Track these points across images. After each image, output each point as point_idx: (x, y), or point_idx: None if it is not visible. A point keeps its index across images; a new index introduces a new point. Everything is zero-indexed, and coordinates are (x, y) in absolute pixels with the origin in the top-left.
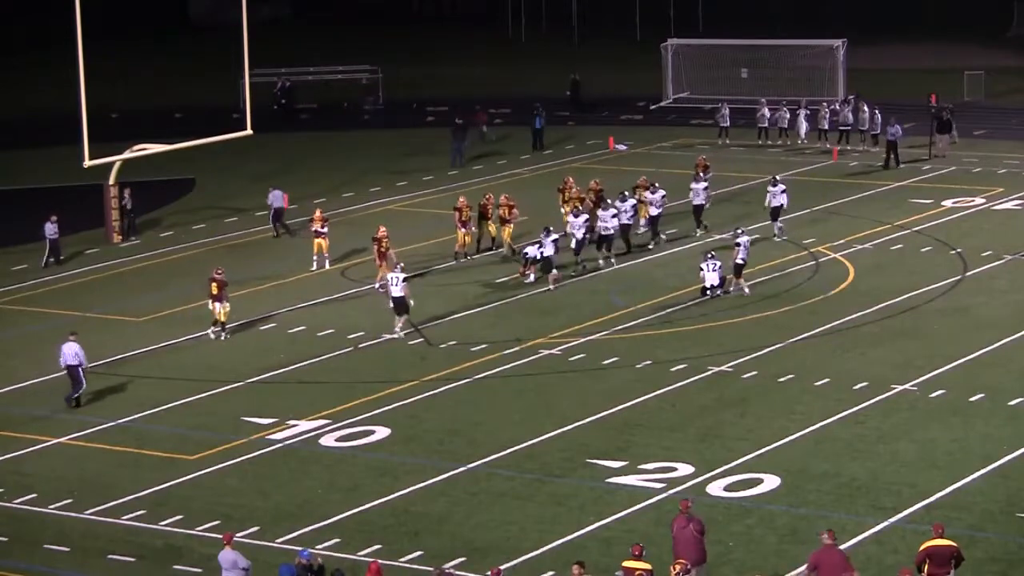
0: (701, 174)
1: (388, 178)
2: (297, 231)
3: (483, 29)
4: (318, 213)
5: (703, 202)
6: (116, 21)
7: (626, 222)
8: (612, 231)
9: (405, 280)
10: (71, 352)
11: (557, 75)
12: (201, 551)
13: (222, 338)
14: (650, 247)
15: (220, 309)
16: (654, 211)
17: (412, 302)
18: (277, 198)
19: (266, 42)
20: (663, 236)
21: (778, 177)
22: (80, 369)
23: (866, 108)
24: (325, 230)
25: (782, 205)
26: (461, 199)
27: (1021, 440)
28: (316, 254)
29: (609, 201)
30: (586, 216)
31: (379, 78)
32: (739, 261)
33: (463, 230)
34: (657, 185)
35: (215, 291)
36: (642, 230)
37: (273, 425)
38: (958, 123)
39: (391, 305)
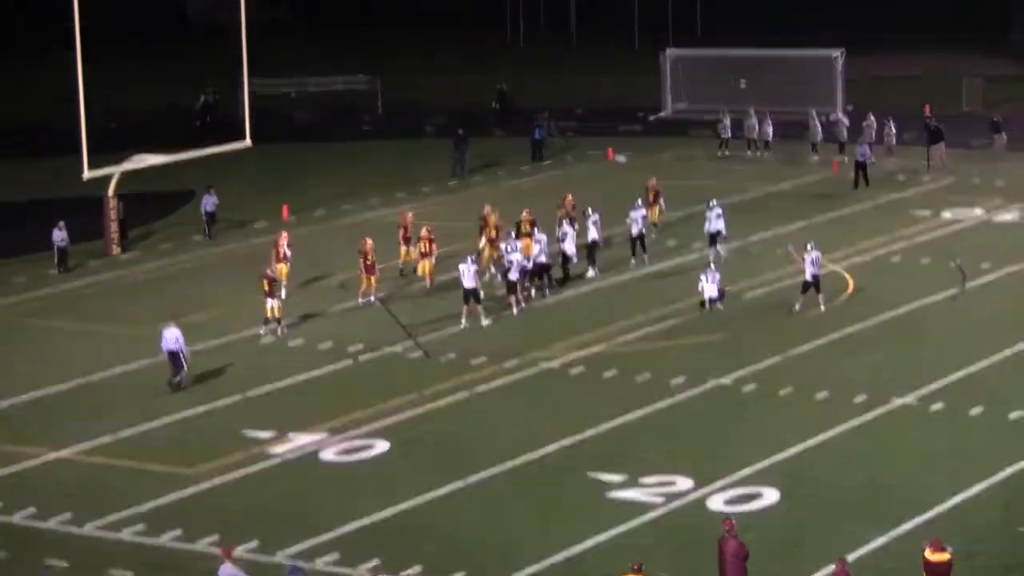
0: (639, 201)
1: (387, 188)
2: (216, 236)
3: (482, 39)
4: (284, 235)
5: (641, 230)
6: (116, 30)
7: (569, 250)
8: (547, 260)
9: (476, 271)
10: (171, 336)
11: (557, 85)
12: (201, 565)
13: (279, 333)
14: (588, 276)
15: (273, 305)
16: (593, 236)
17: (483, 292)
18: (208, 202)
19: (265, 47)
20: (596, 270)
21: (714, 201)
22: (181, 354)
23: (872, 118)
24: (290, 255)
25: (719, 231)
26: (408, 215)
27: (1021, 452)
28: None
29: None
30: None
31: (377, 86)
32: (808, 278)
33: (405, 247)
34: (591, 210)
35: (267, 288)
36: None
37: (273, 438)
38: (961, 133)
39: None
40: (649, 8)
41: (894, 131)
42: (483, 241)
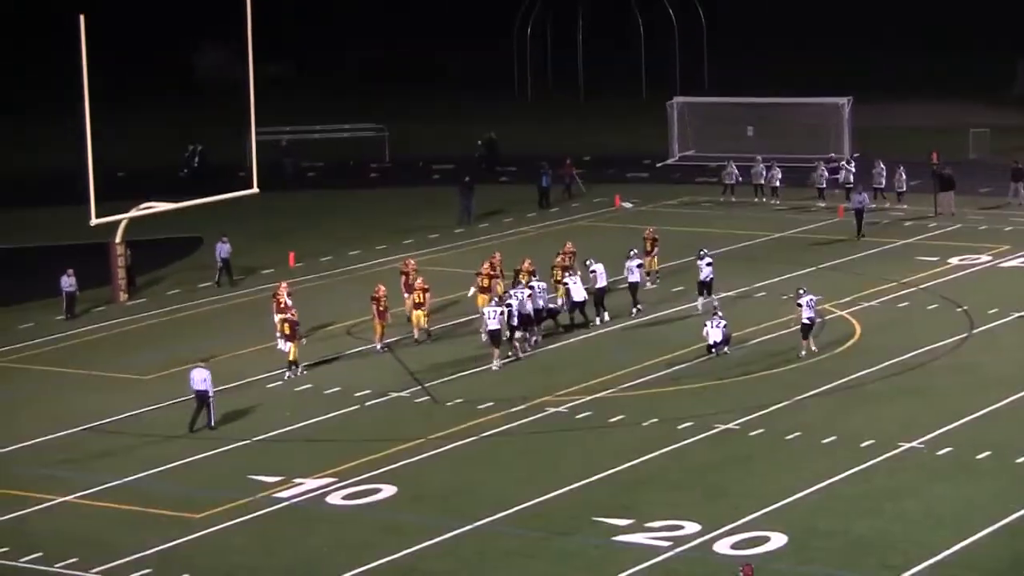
0: (634, 251)
1: (394, 236)
2: (239, 281)
3: (489, 87)
4: (284, 286)
5: (638, 280)
6: (122, 81)
7: (577, 296)
8: (549, 306)
9: (502, 314)
10: (200, 377)
11: (563, 134)
12: None
13: (287, 377)
14: (597, 322)
15: (291, 348)
16: (600, 284)
17: (507, 335)
18: (223, 249)
19: (271, 100)
20: (606, 316)
21: (704, 250)
22: (208, 394)
23: (881, 165)
24: (291, 304)
25: (709, 279)
26: (411, 262)
27: None
28: (281, 333)
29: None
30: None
31: (385, 136)
32: (805, 321)
33: (407, 295)
34: (593, 260)
35: (287, 331)
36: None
37: (279, 483)
38: (968, 180)
39: (485, 339)
40: (657, 64)
41: (904, 177)
42: (472, 291)
